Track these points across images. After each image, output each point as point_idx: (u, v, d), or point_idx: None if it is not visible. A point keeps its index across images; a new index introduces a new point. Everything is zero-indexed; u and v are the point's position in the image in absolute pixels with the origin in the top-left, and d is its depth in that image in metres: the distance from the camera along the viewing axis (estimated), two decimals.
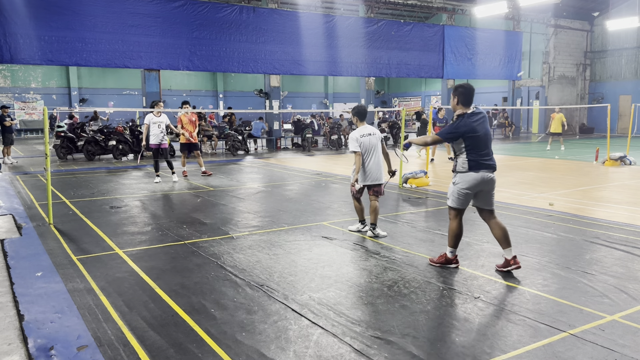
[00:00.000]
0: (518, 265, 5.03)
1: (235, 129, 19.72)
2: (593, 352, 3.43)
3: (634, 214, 7.92)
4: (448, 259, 5.24)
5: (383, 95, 39.40)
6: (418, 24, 23.75)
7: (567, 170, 13.28)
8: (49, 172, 7.44)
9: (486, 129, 4.97)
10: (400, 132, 20.85)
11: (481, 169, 4.89)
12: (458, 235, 5.15)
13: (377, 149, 6.49)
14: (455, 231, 5.13)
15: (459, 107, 4.97)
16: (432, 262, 5.33)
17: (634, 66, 28.46)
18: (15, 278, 5.02)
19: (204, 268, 5.28)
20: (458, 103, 4.98)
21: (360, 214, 6.80)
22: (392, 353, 3.44)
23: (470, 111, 4.95)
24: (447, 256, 5.24)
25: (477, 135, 4.87)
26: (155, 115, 11.28)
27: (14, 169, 13.96)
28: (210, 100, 35.99)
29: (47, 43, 15.62)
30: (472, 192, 4.97)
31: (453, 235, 5.16)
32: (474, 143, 4.88)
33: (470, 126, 4.86)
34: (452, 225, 5.15)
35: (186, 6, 17.70)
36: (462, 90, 4.96)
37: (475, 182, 4.90)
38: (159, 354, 3.46)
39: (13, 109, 27.28)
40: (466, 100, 4.96)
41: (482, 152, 4.92)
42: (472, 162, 4.88)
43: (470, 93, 4.98)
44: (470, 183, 4.90)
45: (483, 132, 4.91)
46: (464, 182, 4.93)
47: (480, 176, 4.89)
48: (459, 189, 4.97)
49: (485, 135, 4.94)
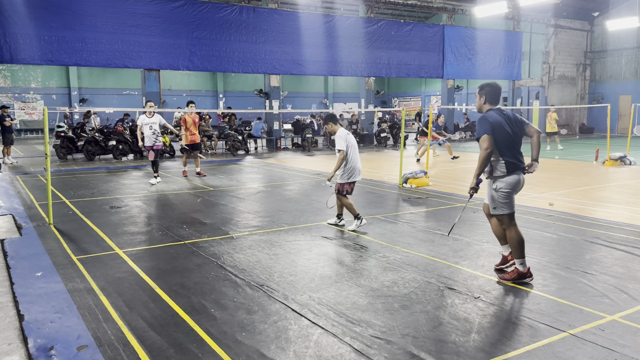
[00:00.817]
0: (514, 262, 4.95)
1: (235, 129, 19.73)
2: (593, 352, 3.43)
3: (634, 214, 7.91)
4: (521, 273, 4.76)
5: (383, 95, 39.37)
6: (418, 24, 23.75)
7: (567, 170, 13.28)
8: (49, 172, 7.44)
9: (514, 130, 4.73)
10: (400, 132, 20.85)
11: (517, 170, 4.69)
12: (522, 242, 4.75)
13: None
14: (518, 238, 4.74)
15: (486, 105, 4.82)
16: (504, 280, 4.80)
17: (634, 66, 28.46)
18: (15, 278, 5.02)
19: (204, 268, 5.28)
20: (485, 102, 4.82)
21: (354, 210, 6.91)
22: (392, 353, 3.44)
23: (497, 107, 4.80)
24: (520, 270, 4.76)
25: (507, 132, 4.64)
26: (147, 117, 11.04)
27: (14, 169, 13.95)
28: (210, 100, 35.98)
29: (47, 43, 15.62)
30: (514, 193, 4.74)
31: (518, 244, 4.74)
32: (505, 141, 4.64)
33: (498, 119, 4.65)
34: (511, 233, 4.76)
35: (186, 6, 17.70)
36: (489, 89, 4.80)
37: (515, 182, 4.69)
38: (159, 354, 3.46)
39: (13, 109, 27.27)
40: (493, 99, 4.80)
41: (516, 152, 4.70)
42: (509, 163, 4.66)
43: (498, 91, 4.81)
44: (512, 184, 4.69)
45: (512, 131, 4.69)
46: (507, 185, 4.69)
47: (519, 178, 4.70)
48: (503, 192, 4.70)
49: (515, 134, 4.71)
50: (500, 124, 4.63)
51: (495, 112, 4.71)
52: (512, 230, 4.75)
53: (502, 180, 4.69)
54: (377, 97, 29.98)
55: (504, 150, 4.65)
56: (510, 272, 4.83)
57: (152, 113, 11.08)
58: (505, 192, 4.69)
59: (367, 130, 23.25)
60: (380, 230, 6.89)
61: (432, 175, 11.13)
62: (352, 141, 6.84)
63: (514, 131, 4.70)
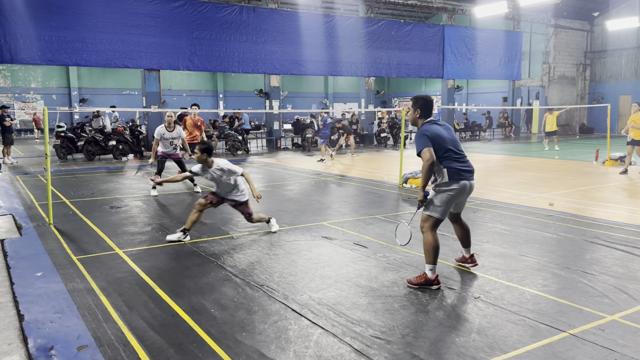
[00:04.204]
0: (475, 262, 5.16)
1: (235, 129, 19.74)
2: (593, 352, 3.43)
3: (634, 214, 7.91)
4: (428, 280, 4.66)
5: (383, 95, 39.37)
6: (418, 24, 23.75)
7: (567, 170, 13.28)
8: (49, 172, 7.44)
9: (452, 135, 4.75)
10: (400, 132, 20.84)
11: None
12: (437, 249, 4.70)
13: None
14: (435, 244, 4.70)
15: (420, 119, 4.78)
16: (410, 283, 4.73)
17: (634, 66, 28.46)
18: (15, 278, 5.02)
19: (204, 268, 5.28)
20: (420, 116, 4.77)
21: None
22: (392, 353, 3.44)
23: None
24: (428, 276, 4.67)
25: (444, 140, 4.63)
26: (168, 130, 9.71)
27: (14, 169, 13.95)
28: (210, 100, 35.98)
29: (47, 43, 15.63)
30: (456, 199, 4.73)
31: (433, 249, 4.69)
32: (445, 149, 4.62)
33: (435, 130, 4.63)
34: (429, 237, 4.71)
35: (186, 6, 17.71)
36: (422, 103, 4.76)
37: (460, 188, 4.66)
38: (159, 354, 3.45)
39: (13, 109, 27.28)
40: (427, 112, 4.77)
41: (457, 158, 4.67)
42: (452, 170, 4.62)
43: (431, 104, 4.79)
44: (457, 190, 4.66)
45: (450, 138, 4.69)
46: (450, 191, 4.66)
47: (465, 183, 4.67)
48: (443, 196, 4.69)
49: (453, 141, 4.70)
50: (438, 134, 4.61)
51: (430, 124, 4.68)
52: (431, 235, 4.69)
53: (445, 187, 4.64)
54: (377, 97, 29.96)
55: (445, 158, 4.61)
56: (418, 277, 4.71)
57: (172, 126, 9.76)
58: (446, 196, 4.64)
59: (367, 130, 23.26)
60: (380, 230, 6.89)
61: None
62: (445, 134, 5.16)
63: (451, 138, 4.70)
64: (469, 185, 4.70)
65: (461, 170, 4.62)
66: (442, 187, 4.65)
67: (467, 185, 4.68)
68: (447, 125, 4.81)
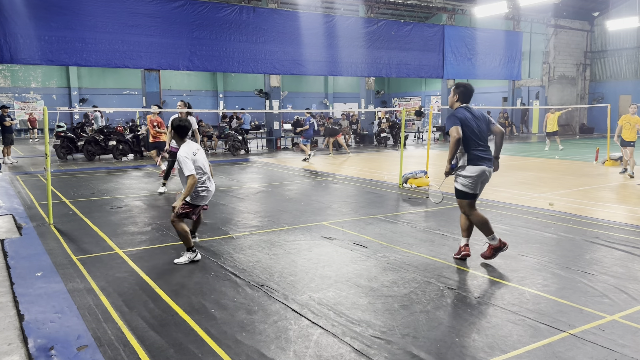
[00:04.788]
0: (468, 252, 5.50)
1: (235, 129, 19.74)
2: (593, 352, 3.43)
3: (634, 214, 7.92)
4: (495, 247, 5.30)
5: (383, 95, 39.39)
6: (418, 24, 23.75)
7: (567, 170, 13.28)
8: (49, 172, 7.44)
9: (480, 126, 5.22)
10: (400, 132, 20.85)
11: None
12: (486, 222, 5.29)
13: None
14: (482, 220, 5.29)
15: (457, 103, 5.31)
16: (484, 257, 5.38)
17: (634, 66, 28.45)
18: (15, 278, 5.02)
19: (204, 268, 5.28)
20: (457, 100, 5.31)
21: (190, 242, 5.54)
22: (392, 353, 3.44)
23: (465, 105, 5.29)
24: (493, 245, 5.29)
25: (472, 127, 5.11)
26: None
27: (14, 169, 13.95)
28: (210, 100, 35.99)
29: (47, 43, 15.62)
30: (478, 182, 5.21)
31: (482, 224, 5.29)
32: (471, 135, 5.11)
33: (466, 115, 5.15)
34: (474, 217, 5.31)
35: (186, 6, 17.70)
36: (462, 89, 5.28)
37: (480, 172, 5.16)
38: (159, 354, 3.45)
39: (13, 109, 27.27)
40: (465, 98, 5.29)
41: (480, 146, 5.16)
42: (473, 156, 5.11)
43: (470, 92, 5.32)
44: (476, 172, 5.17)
45: (478, 127, 5.16)
46: (470, 172, 5.18)
47: (483, 168, 5.15)
48: (465, 180, 5.21)
49: (480, 130, 5.18)
50: (467, 120, 5.12)
51: (463, 109, 5.22)
52: (474, 215, 5.26)
53: (466, 169, 5.15)
54: (377, 97, 30.00)
55: (469, 144, 5.11)
56: (488, 250, 5.32)
57: (185, 115, 10.31)
58: (468, 180, 5.14)
59: (367, 130, 23.27)
60: (380, 230, 6.89)
61: (432, 175, 11.13)
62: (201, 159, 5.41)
63: (479, 127, 5.17)
64: (487, 171, 5.18)
65: (481, 158, 5.12)
66: (462, 172, 5.17)
67: (486, 171, 5.16)
68: (479, 114, 5.27)
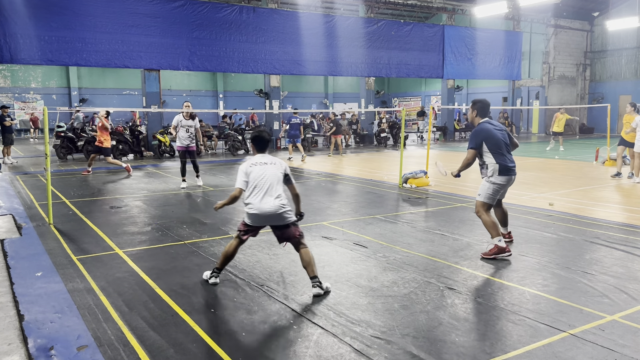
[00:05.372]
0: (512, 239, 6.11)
1: (235, 129, 19.74)
2: (593, 352, 3.43)
3: (634, 214, 7.92)
4: (500, 248, 5.50)
5: (383, 95, 39.36)
6: (418, 24, 23.75)
7: (567, 170, 13.28)
8: (49, 172, 7.44)
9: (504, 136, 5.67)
10: (400, 132, 20.84)
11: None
12: (495, 224, 5.62)
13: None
14: (492, 221, 5.61)
15: (477, 118, 5.73)
16: (485, 256, 5.54)
17: (634, 66, 28.45)
18: (15, 278, 5.02)
19: (204, 268, 5.27)
20: (477, 115, 5.74)
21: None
22: (392, 353, 3.44)
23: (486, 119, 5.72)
24: (499, 245, 5.50)
25: (497, 138, 5.53)
26: (185, 118, 10.42)
27: (14, 169, 13.95)
28: (210, 100, 35.99)
29: (47, 43, 15.63)
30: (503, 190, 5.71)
31: (493, 225, 5.61)
32: (497, 146, 5.52)
33: (489, 129, 5.57)
34: (486, 218, 5.61)
35: (186, 6, 17.70)
36: (480, 105, 5.73)
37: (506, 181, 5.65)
38: (159, 354, 3.45)
39: (13, 109, 27.27)
40: (483, 113, 5.71)
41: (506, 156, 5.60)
42: (502, 167, 5.53)
43: (487, 106, 5.76)
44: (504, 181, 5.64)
45: (503, 137, 5.61)
46: (500, 181, 5.61)
47: (510, 177, 5.62)
48: (494, 186, 5.61)
49: (505, 140, 5.62)
50: (491, 132, 5.54)
51: (486, 123, 5.63)
52: (486, 216, 5.61)
53: (496, 178, 5.55)
54: (377, 97, 29.96)
55: (497, 155, 5.51)
56: (490, 250, 5.51)
57: (189, 115, 10.55)
58: (496, 186, 5.57)
59: (367, 130, 23.26)
60: (380, 230, 6.89)
61: (432, 175, 11.13)
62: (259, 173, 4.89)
63: (504, 137, 5.63)
64: (514, 178, 5.67)
65: (509, 167, 5.54)
66: (492, 180, 5.56)
67: (513, 179, 5.66)
68: (500, 126, 5.72)
